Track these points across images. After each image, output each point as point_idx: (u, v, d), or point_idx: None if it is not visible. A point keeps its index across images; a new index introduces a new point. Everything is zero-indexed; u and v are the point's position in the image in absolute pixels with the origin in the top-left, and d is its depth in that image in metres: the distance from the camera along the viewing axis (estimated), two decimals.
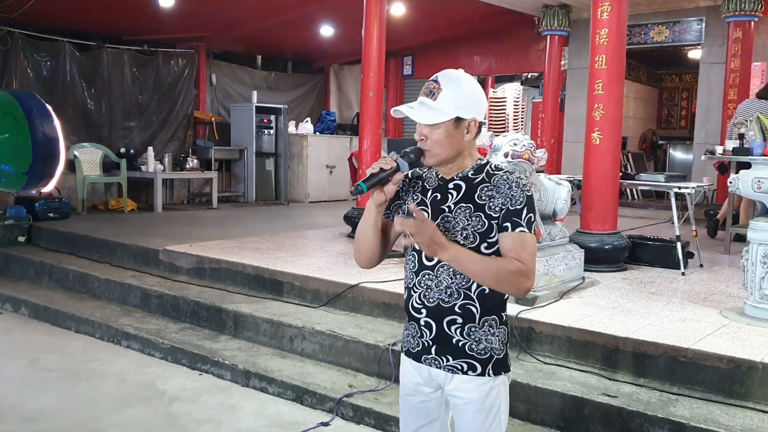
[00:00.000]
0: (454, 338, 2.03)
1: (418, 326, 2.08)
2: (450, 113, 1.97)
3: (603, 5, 5.46)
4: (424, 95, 1.99)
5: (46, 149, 1.36)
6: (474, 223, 1.97)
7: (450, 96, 1.97)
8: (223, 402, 4.19)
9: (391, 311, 4.76)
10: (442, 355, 2.05)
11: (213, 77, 11.62)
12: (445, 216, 2.01)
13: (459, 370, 2.04)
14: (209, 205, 10.46)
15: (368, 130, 7.12)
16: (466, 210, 1.99)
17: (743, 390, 3.45)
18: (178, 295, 5.54)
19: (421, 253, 2.04)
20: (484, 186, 2.00)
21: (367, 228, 2.09)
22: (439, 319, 2.03)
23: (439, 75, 2.01)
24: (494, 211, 1.96)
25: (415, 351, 2.10)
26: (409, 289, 2.10)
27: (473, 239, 1.97)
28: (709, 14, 9.14)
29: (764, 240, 4.09)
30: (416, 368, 2.12)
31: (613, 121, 5.51)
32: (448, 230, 1.99)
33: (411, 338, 2.12)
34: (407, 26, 10.43)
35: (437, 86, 1.98)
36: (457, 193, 2.02)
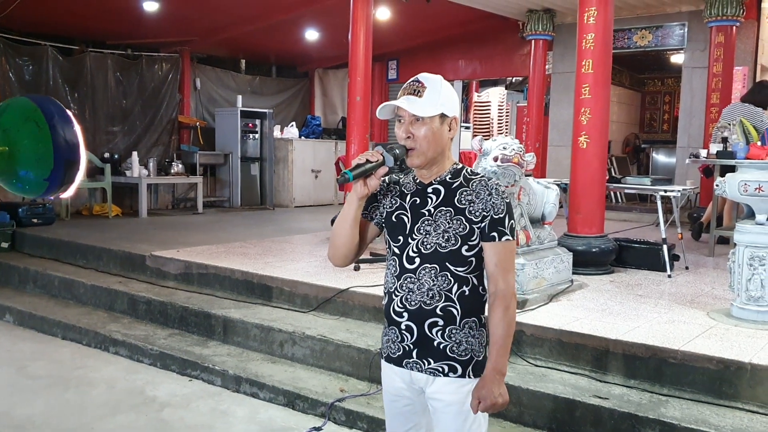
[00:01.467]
0: (435, 341, 2.05)
1: (398, 330, 2.09)
2: (437, 108, 2.03)
3: (589, 10, 5.51)
4: (409, 94, 2.05)
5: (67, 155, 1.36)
6: (455, 226, 2.03)
7: (434, 93, 2.03)
8: (214, 408, 4.17)
9: (381, 315, 4.73)
10: (423, 358, 2.08)
11: (197, 81, 11.57)
12: (426, 219, 2.06)
13: (440, 372, 2.06)
14: (194, 210, 10.40)
15: (355, 135, 7.13)
16: (447, 213, 2.04)
17: (732, 391, 3.49)
18: (166, 301, 5.51)
19: (402, 257, 2.08)
20: (462, 190, 2.05)
21: (346, 222, 2.11)
22: (420, 322, 2.05)
23: (419, 76, 2.09)
24: (474, 215, 2.02)
25: (396, 356, 2.12)
26: (390, 293, 2.12)
27: (455, 241, 2.03)
28: (691, 19, 9.25)
29: (750, 242, 4.14)
30: (397, 373, 2.14)
31: (599, 125, 5.56)
32: (429, 233, 2.04)
33: (391, 343, 2.13)
34: (392, 30, 10.46)
35: (421, 85, 2.05)
36: (436, 197, 2.07)
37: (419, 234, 2.06)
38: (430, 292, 2.04)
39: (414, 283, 2.05)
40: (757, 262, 4.11)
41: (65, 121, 1.38)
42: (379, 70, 12.45)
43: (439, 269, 2.03)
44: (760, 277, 4.10)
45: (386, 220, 2.14)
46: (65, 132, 1.36)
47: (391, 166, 2.05)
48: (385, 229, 2.15)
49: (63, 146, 1.35)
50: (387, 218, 2.14)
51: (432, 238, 2.04)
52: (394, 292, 2.09)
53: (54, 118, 1.36)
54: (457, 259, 2.03)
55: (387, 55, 12.23)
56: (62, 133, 1.36)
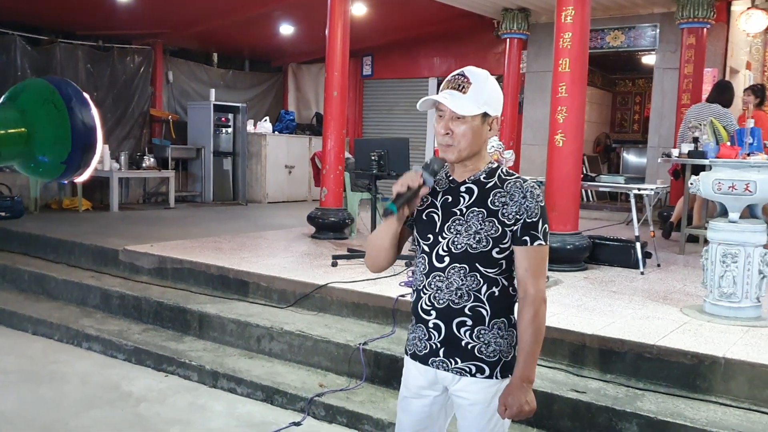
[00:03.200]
0: (463, 340, 2.02)
1: (426, 328, 2.06)
2: (480, 107, 1.97)
3: (567, 9, 5.57)
4: (453, 89, 1.97)
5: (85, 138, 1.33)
6: (487, 227, 1.98)
7: (479, 91, 1.97)
8: (191, 402, 4.14)
9: (360, 311, 4.77)
10: (450, 358, 2.04)
11: (170, 75, 11.44)
12: (457, 219, 2.01)
13: (467, 372, 2.03)
14: (166, 205, 10.29)
15: (332, 130, 7.11)
16: (479, 214, 1.99)
17: (706, 385, 3.56)
18: (140, 296, 5.44)
19: (431, 255, 2.04)
20: (496, 191, 2.00)
21: (386, 238, 2.07)
22: (448, 321, 2.02)
23: (465, 70, 2.00)
24: (507, 218, 1.98)
25: (422, 354, 2.09)
26: (418, 290, 2.08)
27: (486, 243, 1.98)
28: (663, 21, 9.39)
29: (723, 240, 4.22)
30: (421, 371, 2.11)
31: (575, 124, 5.63)
32: (460, 233, 2.00)
33: (418, 341, 2.10)
34: (367, 26, 10.45)
35: (466, 80, 1.97)
36: (469, 196, 2.02)
37: (449, 233, 2.01)
38: (459, 292, 2.00)
39: (443, 282, 2.01)
40: (730, 259, 4.19)
41: (83, 103, 1.36)
42: (353, 66, 12.41)
43: (468, 269, 1.99)
44: (732, 274, 4.18)
45: (416, 218, 2.09)
46: (83, 114, 1.34)
47: (431, 186, 2.02)
48: (415, 227, 2.10)
49: (81, 129, 1.33)
50: (417, 216, 2.08)
51: (463, 239, 1.99)
52: (423, 290, 2.06)
53: (72, 101, 1.34)
54: (488, 261, 1.99)
55: (362, 51, 12.21)
56: (80, 115, 1.34)
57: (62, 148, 1.36)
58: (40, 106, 1.37)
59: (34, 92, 1.40)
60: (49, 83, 1.40)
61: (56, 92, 1.38)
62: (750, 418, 3.29)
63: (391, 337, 4.37)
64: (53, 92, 1.37)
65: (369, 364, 4.17)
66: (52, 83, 1.39)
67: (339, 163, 7.17)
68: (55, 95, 1.37)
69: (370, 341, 4.29)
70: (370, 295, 4.74)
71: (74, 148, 1.35)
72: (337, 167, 7.17)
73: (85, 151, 1.37)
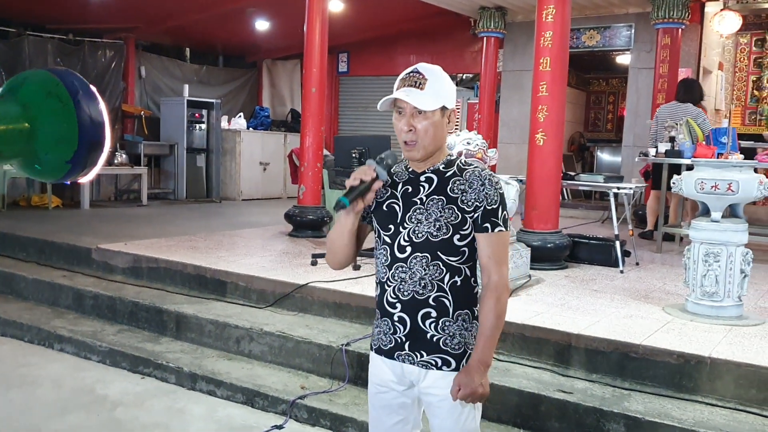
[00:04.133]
0: (428, 333, 2.03)
1: (391, 322, 2.07)
2: (438, 101, 1.99)
3: (548, 8, 5.54)
4: (409, 86, 1.99)
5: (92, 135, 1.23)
6: (447, 214, 2.00)
7: (435, 86, 1.99)
8: (169, 406, 4.03)
9: (342, 311, 4.70)
10: (416, 351, 2.05)
11: (142, 70, 11.23)
12: (417, 208, 2.03)
13: (433, 365, 2.04)
14: (138, 202, 10.10)
15: (310, 127, 7.02)
16: (439, 202, 2.01)
17: (692, 384, 3.55)
18: (114, 296, 5.31)
19: (393, 246, 2.05)
20: (455, 179, 2.02)
21: (344, 235, 2.08)
22: (413, 313, 2.03)
23: (418, 67, 2.03)
24: (467, 205, 2.00)
25: (388, 348, 2.09)
26: (382, 283, 2.09)
27: (446, 230, 2.00)
28: (638, 21, 9.46)
29: (706, 239, 4.23)
30: (388, 365, 2.11)
31: (556, 123, 5.62)
32: (421, 222, 2.02)
33: (383, 335, 2.10)
34: (344, 23, 10.36)
35: (422, 76, 1.99)
36: (429, 185, 2.04)
37: (410, 223, 2.02)
38: (422, 282, 2.01)
39: (406, 272, 2.02)
40: (712, 258, 4.20)
41: (90, 97, 1.26)
42: (329, 62, 12.24)
43: (430, 258, 2.00)
44: (714, 273, 4.19)
45: (376, 209, 2.09)
46: (90, 109, 1.24)
47: (385, 179, 2.01)
48: (375, 219, 2.10)
49: (88, 125, 1.23)
50: (377, 208, 2.09)
51: (423, 227, 2.00)
52: (387, 282, 2.06)
53: (79, 93, 1.24)
54: (449, 249, 2.01)
55: (337, 47, 12.12)
56: (87, 110, 1.24)
57: (68, 145, 1.25)
58: (44, 99, 1.27)
59: (36, 85, 1.29)
60: (52, 74, 1.29)
61: (61, 84, 1.27)
62: (736, 418, 3.29)
63: None
64: (58, 84, 1.27)
65: (352, 366, 4.11)
66: (56, 75, 1.29)
67: (317, 160, 7.08)
68: (60, 88, 1.27)
69: (352, 342, 4.23)
70: (352, 294, 4.68)
71: (81, 145, 1.25)
72: (316, 164, 7.08)
73: (92, 148, 1.27)
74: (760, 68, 10.55)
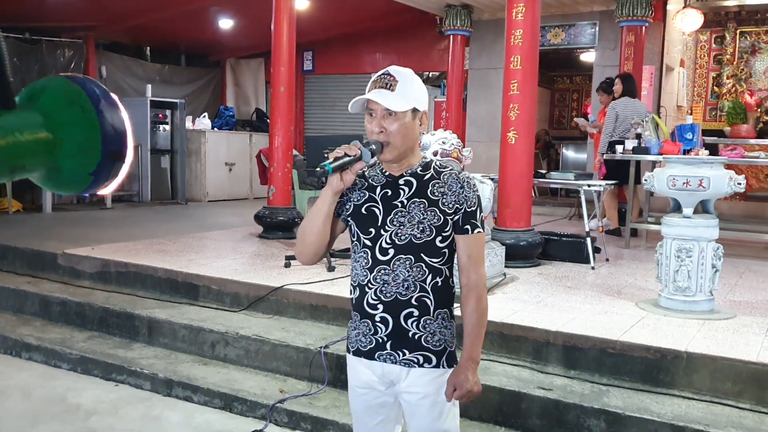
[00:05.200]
0: (410, 332, 2.05)
1: (372, 323, 2.07)
2: (409, 103, 2.01)
3: (518, 6, 5.57)
4: (381, 88, 2.01)
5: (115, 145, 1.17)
6: (430, 217, 2.02)
7: (406, 87, 2.01)
8: (145, 414, 3.95)
9: (318, 313, 4.66)
10: (397, 350, 2.07)
11: (103, 69, 11.02)
12: (399, 211, 2.04)
13: (415, 363, 2.06)
14: (102, 205, 9.89)
15: (280, 126, 6.94)
16: (420, 205, 2.03)
17: (669, 379, 3.60)
18: (83, 302, 5.19)
19: (374, 248, 2.06)
20: (434, 182, 2.05)
21: (318, 218, 2.06)
22: (396, 314, 2.05)
23: (389, 69, 2.05)
24: (448, 207, 2.03)
25: (368, 349, 2.10)
26: (362, 286, 2.09)
27: (429, 232, 2.02)
28: (602, 19, 9.58)
29: (678, 235, 4.29)
30: (368, 366, 2.12)
31: (527, 121, 5.65)
32: (403, 224, 2.03)
33: (362, 336, 2.11)
34: (309, 21, 10.29)
35: (393, 78, 2.02)
36: (409, 188, 2.06)
37: (392, 225, 2.04)
38: (406, 283, 2.03)
39: (389, 275, 2.03)
40: (684, 253, 4.26)
41: (112, 105, 1.21)
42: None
43: (414, 260, 2.02)
44: (687, 269, 4.26)
45: (354, 213, 2.10)
46: (113, 118, 1.19)
47: (368, 161, 2.02)
48: (353, 222, 2.10)
49: (111, 135, 1.18)
50: (355, 211, 2.09)
51: (406, 229, 2.02)
52: (367, 285, 2.06)
53: (101, 102, 1.19)
54: (432, 250, 2.03)
55: (302, 46, 12.00)
56: (110, 119, 1.19)
57: (91, 156, 1.20)
58: (66, 108, 1.21)
59: (56, 93, 1.24)
60: (73, 82, 1.24)
61: (82, 93, 1.22)
62: (713, 411, 3.35)
63: None
64: (79, 93, 1.22)
65: (331, 368, 4.07)
66: (76, 82, 1.24)
67: (287, 160, 7.01)
68: (82, 96, 1.21)
69: (331, 344, 4.19)
70: (329, 296, 4.64)
71: (104, 156, 1.20)
72: (285, 164, 7.01)
73: (115, 159, 1.22)
74: (720, 65, 10.77)
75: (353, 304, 2.14)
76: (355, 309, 2.13)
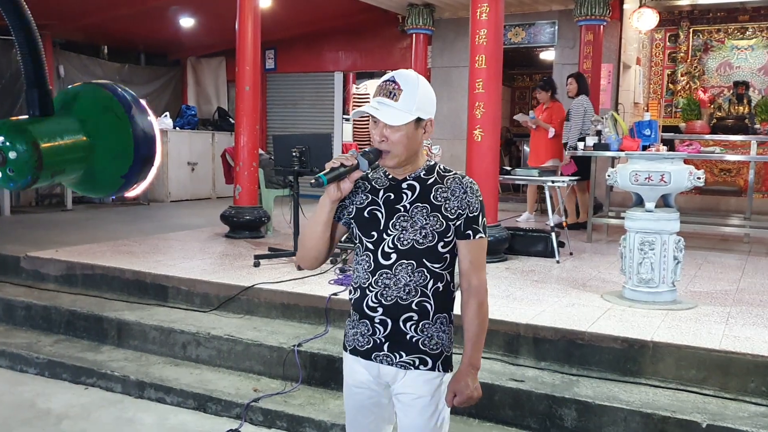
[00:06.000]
0: (408, 334, 2.05)
1: (371, 324, 2.07)
2: (412, 113, 1.97)
3: (482, 6, 5.65)
4: (383, 96, 1.97)
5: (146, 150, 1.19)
6: (432, 222, 2.01)
7: (410, 97, 1.97)
8: (118, 416, 3.92)
9: (290, 312, 4.67)
10: (394, 352, 2.06)
11: (61, 69, 10.79)
12: (401, 215, 2.04)
13: (411, 365, 2.06)
14: (62, 207, 9.72)
15: (245, 126, 6.92)
16: (423, 210, 2.02)
17: (636, 368, 3.72)
18: (49, 305, 5.11)
19: (377, 252, 2.05)
20: (437, 187, 2.04)
21: (318, 225, 2.06)
22: (395, 317, 2.04)
23: (395, 75, 2.00)
24: (450, 213, 2.02)
25: (365, 349, 2.10)
26: (363, 288, 2.08)
27: (432, 238, 2.02)
28: (561, 18, 9.74)
29: (641, 228, 4.42)
30: (364, 366, 2.12)
31: (492, 119, 5.73)
32: (406, 229, 2.02)
33: (360, 336, 2.11)
34: (271, 19, 10.21)
35: (396, 87, 1.97)
36: (411, 193, 2.05)
37: (395, 230, 2.03)
38: (407, 288, 2.02)
39: (390, 279, 2.03)
40: (648, 246, 4.39)
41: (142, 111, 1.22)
42: None
43: (416, 265, 2.02)
44: (650, 261, 4.39)
45: (356, 216, 2.09)
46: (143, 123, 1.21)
47: (365, 170, 2.02)
48: (355, 224, 2.10)
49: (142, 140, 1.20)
50: (357, 214, 2.09)
51: (409, 234, 2.02)
52: (368, 288, 2.06)
53: (132, 109, 1.20)
54: (434, 256, 2.03)
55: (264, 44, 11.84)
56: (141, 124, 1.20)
57: (124, 160, 1.22)
58: (101, 115, 1.23)
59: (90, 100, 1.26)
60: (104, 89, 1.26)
61: (115, 99, 1.24)
62: (679, 398, 3.46)
63: (325, 337, 4.31)
64: (111, 99, 1.24)
65: (305, 366, 4.10)
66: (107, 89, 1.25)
67: (253, 159, 6.99)
68: (114, 102, 1.23)
69: (304, 342, 4.21)
70: (301, 295, 4.66)
71: (135, 160, 1.22)
72: (252, 164, 6.99)
73: (145, 163, 1.25)
74: (674, 63, 11.05)
75: (353, 303, 2.13)
76: (354, 309, 2.13)
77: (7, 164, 1.22)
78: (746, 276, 5.52)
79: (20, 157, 1.22)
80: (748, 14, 10.58)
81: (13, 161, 1.23)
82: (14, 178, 1.25)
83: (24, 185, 1.24)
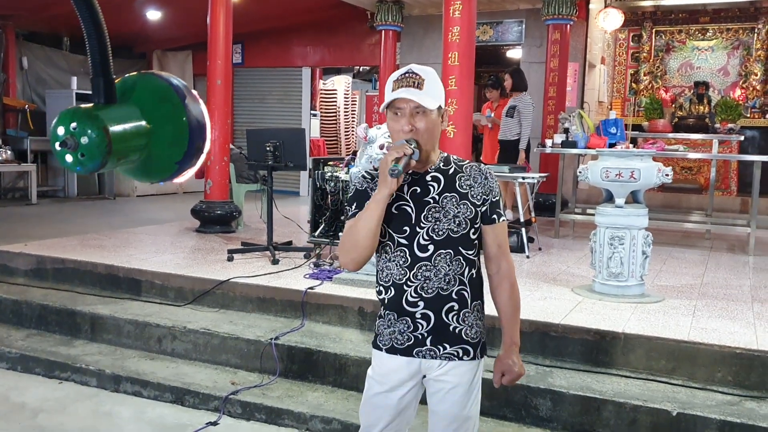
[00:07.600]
0: (450, 325, 2.08)
1: (412, 320, 2.08)
2: (437, 101, 2.02)
3: (455, 4, 5.71)
4: (409, 86, 1.97)
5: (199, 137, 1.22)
6: (464, 210, 2.06)
7: (432, 85, 2.01)
8: (95, 410, 3.90)
9: (266, 306, 4.68)
10: (438, 345, 2.08)
11: (24, 60, 10.60)
12: (432, 207, 2.05)
13: (455, 356, 2.10)
14: (27, 201, 9.55)
15: (216, 120, 6.89)
16: (453, 199, 2.06)
17: (608, 359, 3.83)
18: (19, 299, 5.05)
19: (412, 246, 2.05)
20: (460, 175, 2.08)
21: (372, 222, 2.00)
22: (437, 309, 2.07)
23: (413, 68, 2.03)
24: (477, 199, 2.07)
25: (404, 346, 2.10)
26: (398, 285, 2.08)
27: (465, 225, 2.06)
28: (528, 17, 9.89)
29: (611, 224, 4.54)
30: (403, 364, 2.11)
31: (465, 116, 5.81)
32: (439, 220, 2.04)
33: (399, 334, 2.10)
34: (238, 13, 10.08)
35: (419, 77, 2.00)
36: (437, 184, 2.07)
37: (428, 222, 2.05)
38: (447, 277, 2.05)
39: (431, 270, 2.05)
40: (617, 241, 4.52)
41: (194, 100, 1.24)
42: None
43: (453, 254, 2.05)
44: (619, 255, 4.52)
45: (385, 213, 2.03)
46: (197, 112, 1.23)
47: (417, 159, 1.99)
48: (384, 223, 2.05)
49: (196, 128, 1.23)
50: (386, 212, 2.03)
51: (443, 225, 2.04)
52: (406, 283, 2.06)
53: (186, 98, 1.22)
54: (467, 243, 2.07)
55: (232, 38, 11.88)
56: (194, 113, 1.23)
57: (179, 147, 1.26)
58: (158, 104, 1.27)
59: (148, 90, 1.29)
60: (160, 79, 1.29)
61: (170, 89, 1.27)
62: (649, 387, 3.58)
63: (301, 330, 4.34)
64: (167, 89, 1.27)
65: (282, 359, 4.12)
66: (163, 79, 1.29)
67: (224, 153, 6.98)
68: (170, 92, 1.27)
69: (281, 335, 4.24)
70: (276, 289, 4.68)
71: (189, 147, 1.26)
72: (223, 158, 6.98)
73: (197, 150, 1.28)
74: (637, 62, 11.31)
75: (386, 303, 2.12)
76: (389, 308, 2.11)
77: (79, 149, 1.28)
78: (709, 271, 5.71)
79: (92, 142, 1.29)
80: (708, 16, 10.88)
81: (85, 146, 1.31)
82: (84, 162, 1.32)
83: (92, 169, 1.30)
